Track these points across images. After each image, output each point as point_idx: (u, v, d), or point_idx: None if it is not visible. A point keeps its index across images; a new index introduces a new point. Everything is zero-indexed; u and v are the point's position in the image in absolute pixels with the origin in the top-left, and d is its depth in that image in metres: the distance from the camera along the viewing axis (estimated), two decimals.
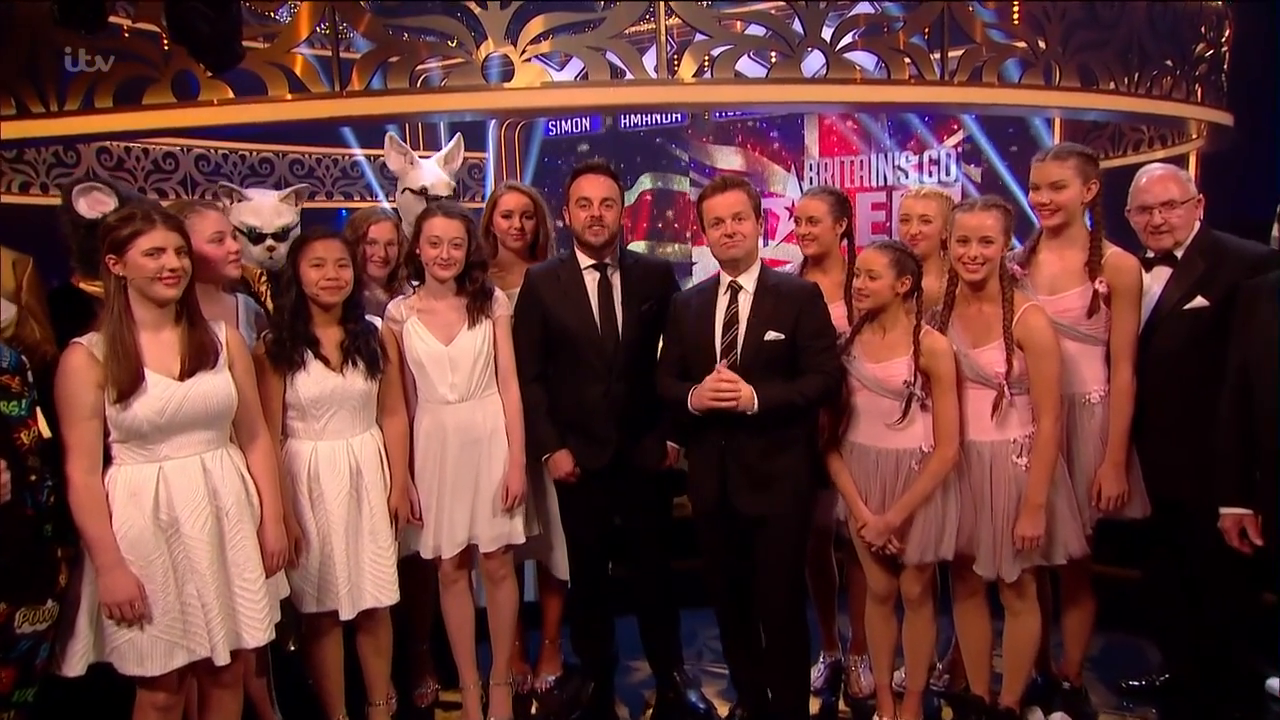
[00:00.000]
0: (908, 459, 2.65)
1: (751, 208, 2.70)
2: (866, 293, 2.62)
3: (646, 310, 2.91)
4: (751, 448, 2.67)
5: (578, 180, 2.91)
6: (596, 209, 2.86)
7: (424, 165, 3.53)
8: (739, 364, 2.66)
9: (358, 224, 3.08)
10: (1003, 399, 2.57)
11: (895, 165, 7.77)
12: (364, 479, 2.68)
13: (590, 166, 2.93)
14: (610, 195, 2.88)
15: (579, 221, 2.88)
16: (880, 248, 2.66)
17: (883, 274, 2.62)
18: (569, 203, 2.92)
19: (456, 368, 2.83)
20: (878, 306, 2.64)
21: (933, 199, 3.04)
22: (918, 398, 2.61)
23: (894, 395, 2.64)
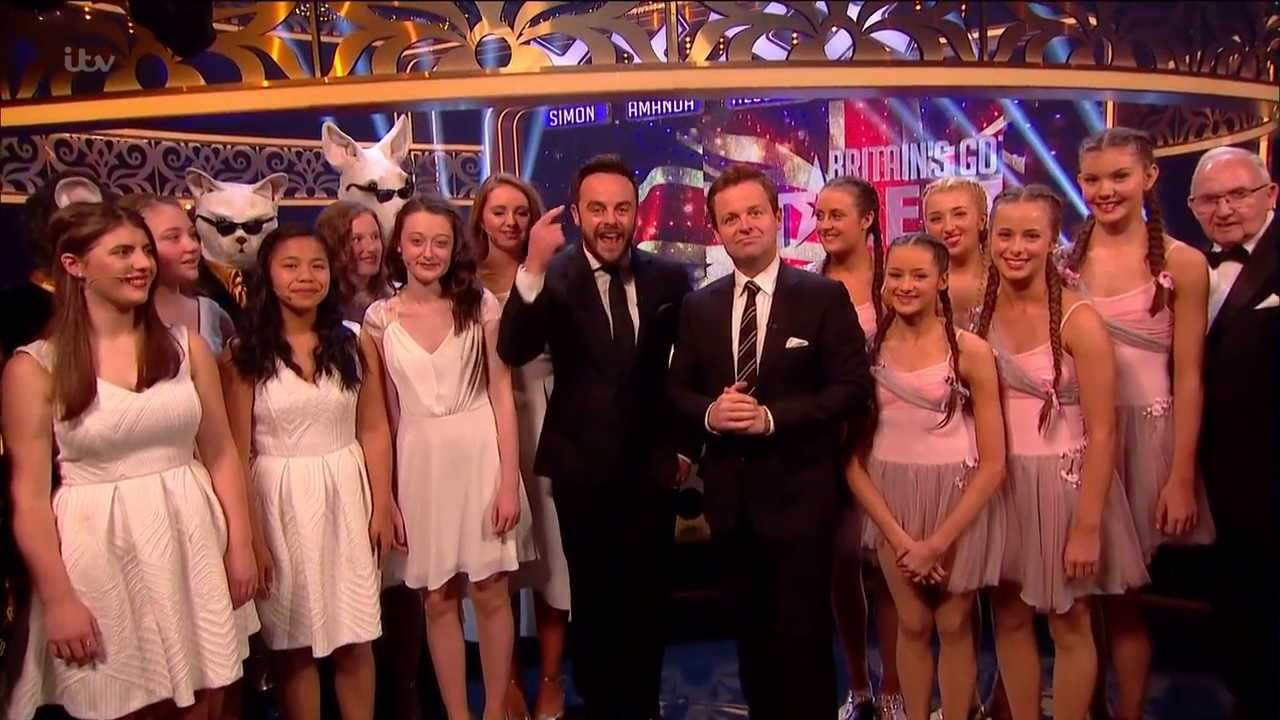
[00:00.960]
0: (951, 475, 2.62)
1: (768, 200, 2.69)
2: (915, 293, 2.60)
3: (664, 312, 2.90)
4: (774, 463, 2.65)
5: (589, 180, 2.89)
6: (610, 214, 2.84)
7: (370, 156, 3.52)
8: (758, 373, 2.64)
9: (335, 221, 3.07)
10: (1050, 409, 2.54)
11: (929, 156, 7.74)
12: (341, 500, 2.66)
13: (603, 164, 2.90)
14: (626, 198, 2.87)
15: (590, 227, 2.87)
16: (920, 243, 2.64)
17: (930, 272, 2.61)
18: (578, 204, 2.90)
19: (442, 377, 2.82)
20: (924, 309, 2.63)
21: (962, 189, 3.01)
22: (962, 395, 2.59)
23: (933, 405, 2.61)
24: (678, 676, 3.52)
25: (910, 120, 7.78)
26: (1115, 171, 2.67)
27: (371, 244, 3.07)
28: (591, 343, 2.88)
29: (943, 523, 2.61)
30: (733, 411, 2.58)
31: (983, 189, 3.08)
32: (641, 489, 2.95)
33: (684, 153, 8.80)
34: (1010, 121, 7.47)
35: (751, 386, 2.63)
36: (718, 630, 2.91)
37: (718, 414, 2.61)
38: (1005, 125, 7.51)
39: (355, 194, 3.41)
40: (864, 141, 7.98)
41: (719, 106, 8.35)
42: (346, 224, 3.06)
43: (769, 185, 2.73)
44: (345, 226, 3.05)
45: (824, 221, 3.02)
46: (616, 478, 2.90)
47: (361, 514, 2.70)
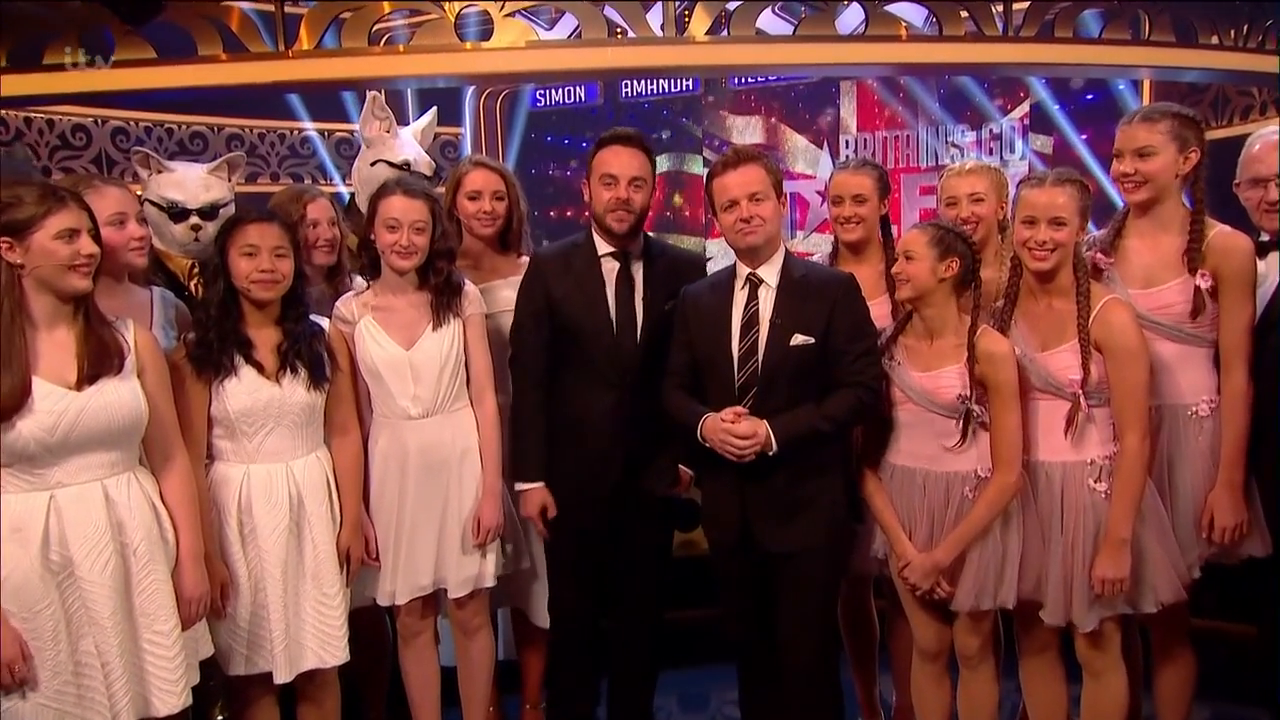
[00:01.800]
0: (960, 485, 2.64)
1: (771, 185, 2.70)
2: (904, 277, 2.63)
3: (672, 309, 2.90)
4: (778, 472, 2.66)
5: (602, 153, 2.91)
6: (623, 189, 2.87)
7: (405, 135, 3.59)
8: (759, 373, 2.65)
9: (288, 205, 3.08)
10: (1078, 412, 2.55)
11: (948, 141, 7.76)
12: (307, 510, 2.66)
13: (618, 136, 2.93)
14: (641, 174, 2.89)
15: (601, 202, 2.89)
16: (920, 226, 2.68)
17: (920, 255, 2.62)
18: (590, 178, 2.93)
19: (420, 376, 2.83)
20: (916, 295, 2.64)
21: (981, 174, 3.04)
22: (977, 416, 2.60)
23: (946, 410, 2.62)
24: (672, 704, 3.54)
25: (928, 102, 7.79)
26: (1140, 148, 2.69)
27: (328, 231, 3.09)
28: (592, 340, 2.89)
29: (948, 535, 2.63)
30: (728, 444, 2.60)
31: (1004, 175, 3.10)
32: (641, 501, 2.96)
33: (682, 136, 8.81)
34: (1037, 103, 7.48)
35: (752, 391, 2.64)
36: (716, 653, 2.92)
37: (712, 433, 2.63)
38: (1031, 107, 7.53)
39: (382, 170, 3.47)
40: (878, 125, 7.99)
41: (720, 86, 8.37)
42: (300, 208, 3.07)
43: (772, 169, 2.74)
44: (299, 211, 3.06)
45: (844, 208, 3.03)
46: (616, 490, 2.92)
47: (329, 526, 2.70)
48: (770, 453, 2.60)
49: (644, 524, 3.01)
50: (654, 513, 3.02)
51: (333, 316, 2.86)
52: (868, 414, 2.70)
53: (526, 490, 2.92)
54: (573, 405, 2.92)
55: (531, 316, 2.93)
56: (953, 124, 7.72)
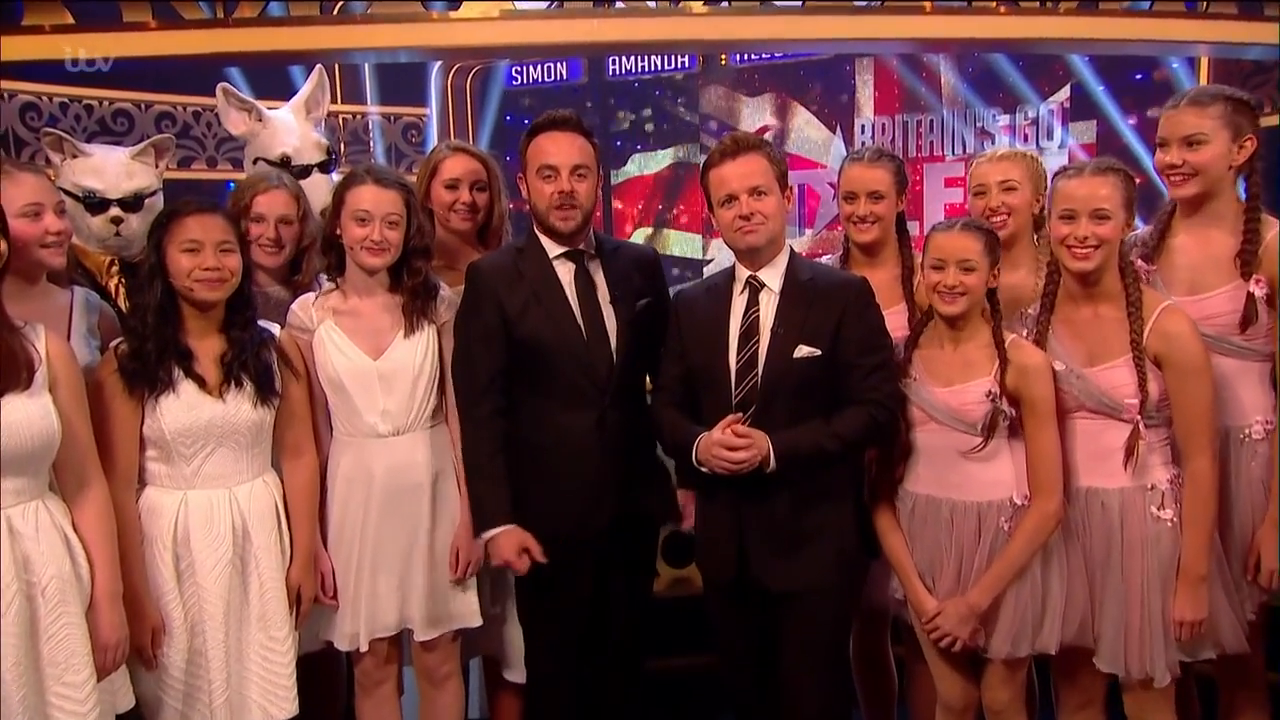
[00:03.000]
0: (994, 514, 2.67)
1: (774, 177, 2.73)
2: (961, 289, 2.64)
3: (643, 309, 2.93)
4: (780, 499, 2.68)
5: (537, 141, 2.91)
6: (565, 181, 2.85)
7: (280, 122, 3.54)
8: (759, 388, 2.68)
9: (240, 192, 3.12)
10: (1139, 439, 2.58)
11: (978, 127, 7.78)
12: (253, 543, 2.69)
13: (554, 120, 2.92)
14: (583, 161, 2.89)
15: (542, 199, 2.88)
16: (967, 229, 2.69)
17: (979, 264, 2.65)
18: (526, 172, 2.92)
19: (390, 389, 2.86)
20: (970, 309, 2.67)
21: (1014, 161, 3.08)
22: (1005, 415, 2.63)
23: (971, 429, 2.66)
24: None
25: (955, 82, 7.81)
26: (1188, 136, 2.72)
27: (273, 230, 3.09)
28: (561, 355, 2.87)
29: (983, 574, 2.65)
30: (723, 458, 2.61)
31: (1040, 163, 3.14)
32: (635, 535, 2.97)
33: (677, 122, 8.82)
34: (1079, 85, 7.50)
35: (751, 408, 2.66)
36: (712, 705, 2.92)
37: (707, 452, 2.64)
38: (1072, 89, 7.54)
39: (264, 168, 3.43)
40: (898, 108, 8.02)
41: (720, 63, 8.39)
42: (248, 198, 3.08)
43: (776, 159, 2.76)
44: (246, 200, 3.07)
45: (858, 206, 3.07)
46: (601, 525, 2.91)
47: (277, 561, 2.73)
48: (768, 470, 2.62)
49: (640, 561, 3.03)
50: (648, 552, 3.05)
51: (287, 322, 2.88)
52: (883, 435, 2.73)
53: (495, 535, 2.83)
54: (543, 433, 2.89)
55: (482, 340, 2.86)
56: (983, 108, 7.73)
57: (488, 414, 2.86)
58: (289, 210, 3.13)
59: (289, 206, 3.13)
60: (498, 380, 2.87)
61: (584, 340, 2.88)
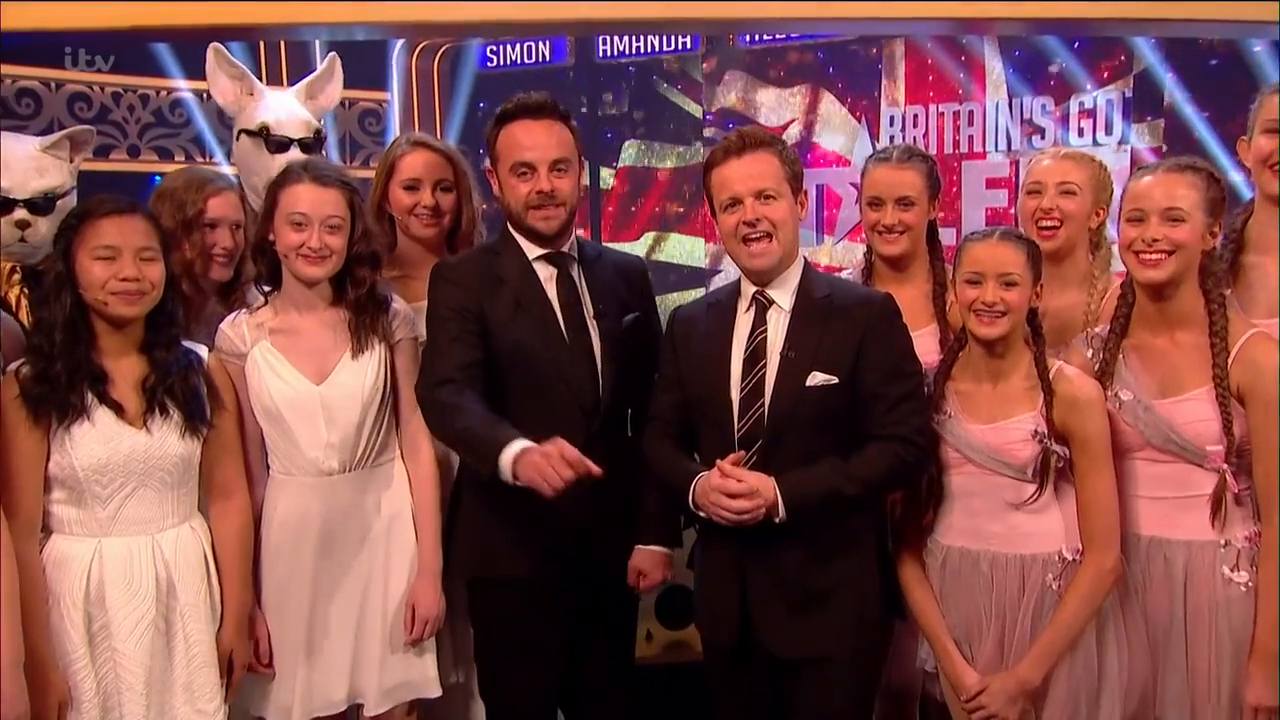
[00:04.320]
0: (1040, 571, 2.65)
1: (786, 179, 2.73)
2: (1002, 309, 2.63)
3: (631, 323, 2.94)
4: (788, 550, 2.68)
5: (509, 132, 2.91)
6: (545, 179, 2.86)
7: (273, 97, 3.58)
8: (765, 422, 2.67)
9: (183, 194, 3.10)
10: (1226, 489, 2.57)
11: (1024, 119, 7.79)
12: (179, 600, 2.68)
13: (526, 107, 2.92)
14: (564, 154, 2.89)
15: (518, 198, 2.89)
16: (1006, 238, 2.68)
17: (1022, 278, 2.64)
18: (497, 167, 2.93)
19: (335, 419, 2.85)
20: (1012, 331, 2.66)
21: (1078, 162, 3.10)
22: (1059, 456, 2.61)
23: (1017, 471, 2.65)
24: None
25: (998, 67, 7.83)
26: None
27: (231, 238, 3.10)
28: (548, 369, 2.87)
29: (1031, 642, 2.63)
30: (723, 506, 2.59)
31: (1107, 172, 3.16)
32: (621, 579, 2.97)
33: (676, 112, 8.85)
34: (1143, 70, 7.51)
35: (757, 444, 2.65)
36: None
37: (705, 497, 2.64)
38: (1135, 76, 7.56)
39: (244, 142, 3.47)
40: (931, 96, 8.02)
41: (726, 44, 8.41)
42: (200, 201, 3.08)
43: (789, 159, 2.76)
44: (198, 204, 3.07)
45: (885, 214, 3.08)
46: (581, 572, 2.91)
47: (207, 621, 2.72)
48: (777, 519, 2.61)
49: (613, 616, 3.04)
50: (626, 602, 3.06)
51: (216, 343, 2.88)
52: (911, 477, 2.72)
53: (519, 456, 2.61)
54: None
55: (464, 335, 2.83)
56: (1030, 96, 7.74)
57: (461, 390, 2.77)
58: (240, 213, 3.15)
59: (239, 209, 3.16)
60: (477, 370, 2.82)
61: (568, 354, 2.89)
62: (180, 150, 7.73)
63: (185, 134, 7.75)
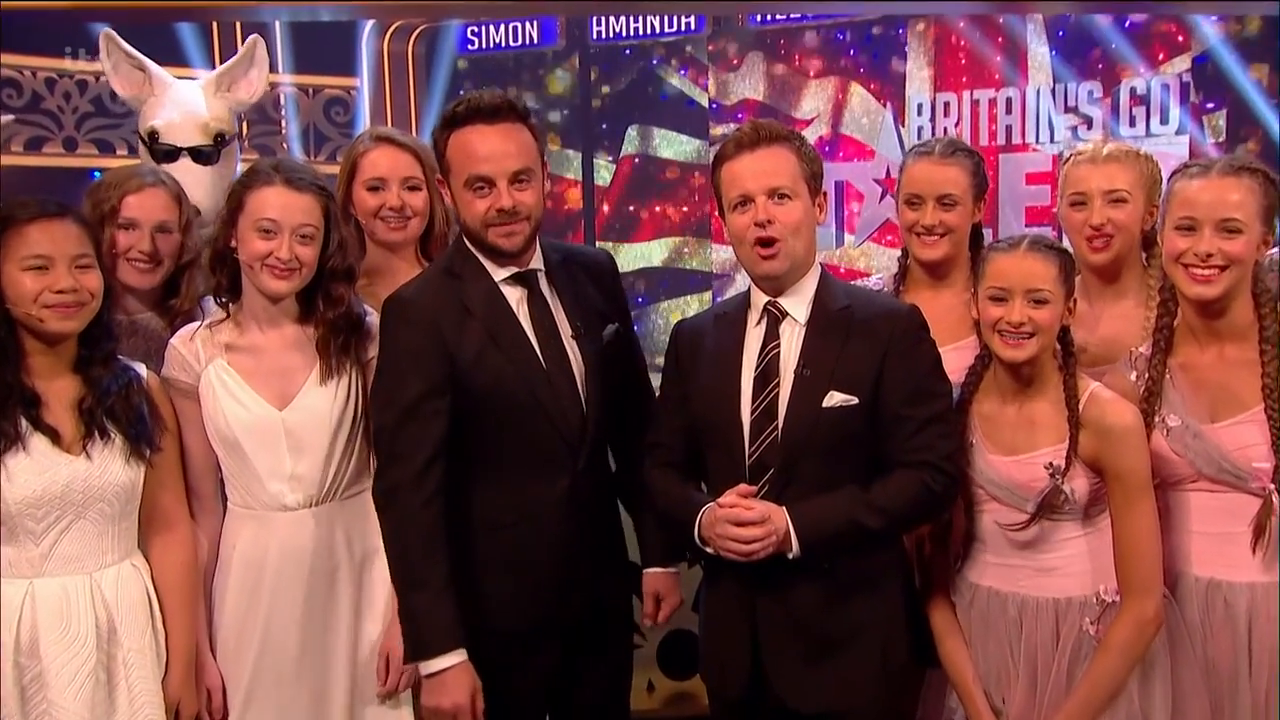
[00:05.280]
0: (1075, 614, 2.66)
1: (803, 177, 2.72)
2: (1029, 330, 2.62)
3: (612, 336, 2.94)
4: (804, 590, 2.67)
5: (461, 137, 2.82)
6: (505, 194, 2.79)
7: (175, 90, 3.58)
8: (779, 446, 2.67)
9: (102, 191, 3.12)
10: (1270, 515, 2.58)
11: (1069, 107, 7.77)
12: (122, 646, 2.68)
13: (479, 109, 2.82)
14: (525, 163, 2.82)
15: (474, 215, 2.82)
16: (1035, 248, 2.67)
17: (1053, 295, 2.63)
18: (449, 179, 2.88)
19: (301, 448, 2.86)
20: (1040, 353, 2.66)
21: (1125, 163, 3.09)
22: (1067, 497, 2.60)
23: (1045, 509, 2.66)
24: None
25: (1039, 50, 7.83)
26: None
27: (148, 241, 3.10)
28: (527, 408, 2.86)
29: (1068, 694, 2.62)
30: (732, 537, 2.59)
31: (1156, 166, 3.14)
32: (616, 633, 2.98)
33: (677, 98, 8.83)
34: (1204, 52, 7.50)
35: (769, 471, 2.65)
36: None
37: (712, 529, 2.63)
38: (1195, 59, 7.55)
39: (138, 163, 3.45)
40: (964, 82, 8.01)
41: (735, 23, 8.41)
42: (116, 198, 3.09)
43: (808, 155, 2.75)
44: (113, 200, 3.08)
45: (924, 214, 3.09)
46: (567, 619, 2.91)
47: (153, 668, 2.72)
48: (790, 555, 2.62)
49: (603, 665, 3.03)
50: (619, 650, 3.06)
51: (167, 359, 2.88)
52: (938, 508, 2.72)
53: (441, 671, 2.72)
54: (501, 510, 2.88)
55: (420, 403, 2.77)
56: (1075, 81, 7.73)
57: (423, 499, 2.77)
58: (169, 215, 3.14)
59: (169, 210, 3.15)
60: (440, 455, 2.80)
61: (550, 386, 2.88)
62: (123, 143, 7.69)
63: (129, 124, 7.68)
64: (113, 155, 7.69)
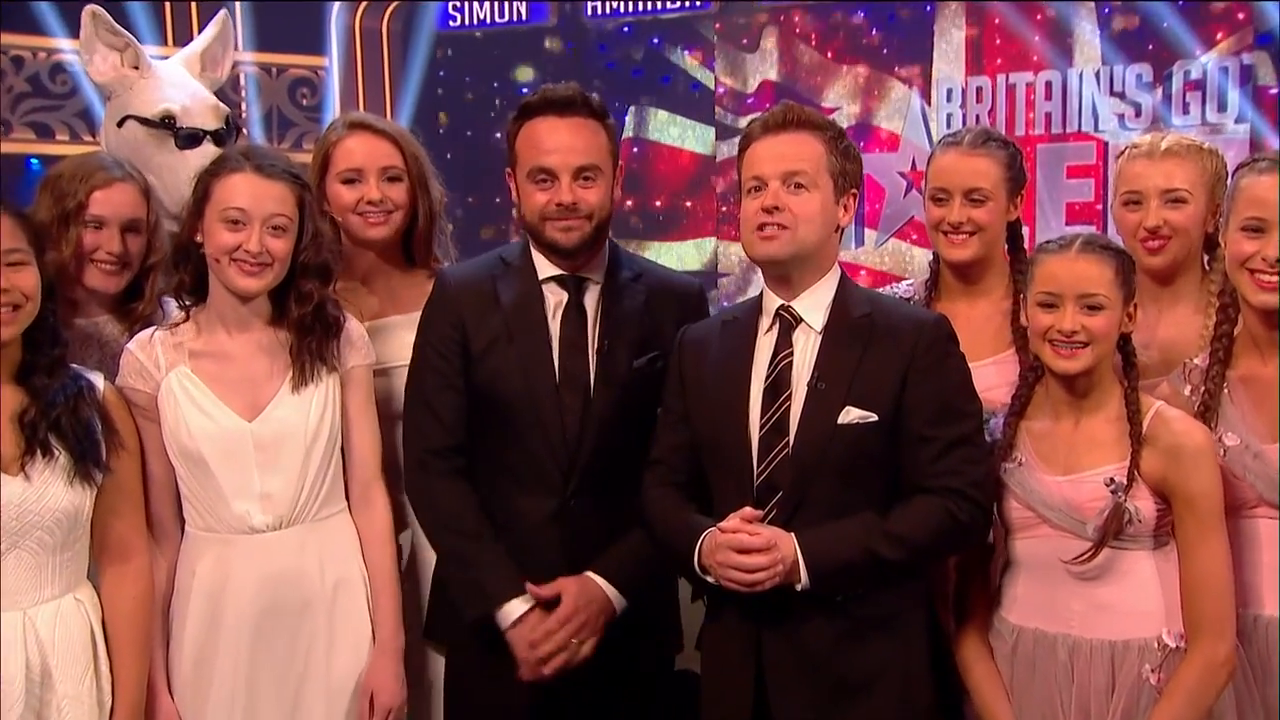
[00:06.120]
0: (1134, 660, 2.65)
1: (828, 171, 2.73)
2: (1084, 339, 2.62)
3: (644, 366, 2.95)
4: (815, 626, 2.67)
5: (531, 128, 2.96)
6: (566, 190, 2.90)
7: (166, 73, 3.59)
8: (790, 466, 2.67)
9: (66, 184, 3.12)
10: None
11: (1115, 91, 7.76)
12: (56, 691, 2.68)
13: (552, 101, 2.96)
14: (593, 159, 2.94)
15: (533, 208, 2.94)
16: (1090, 249, 2.67)
17: (1110, 300, 2.63)
18: (515, 170, 2.98)
19: (270, 464, 2.87)
20: (1098, 364, 2.66)
21: (1185, 157, 3.09)
22: (1132, 516, 2.59)
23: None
24: None
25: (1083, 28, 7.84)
26: None
27: (118, 241, 3.10)
28: (525, 415, 2.92)
29: None
30: (735, 565, 2.59)
31: (1222, 161, 3.14)
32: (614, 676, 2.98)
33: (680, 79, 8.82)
34: (1267, 32, 7.50)
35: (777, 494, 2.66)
36: None
37: (713, 555, 2.63)
38: (1258, 38, 7.55)
39: (136, 133, 3.47)
40: (1000, 64, 8.01)
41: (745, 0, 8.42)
42: (84, 193, 3.09)
43: (840, 148, 2.76)
44: (80, 196, 3.08)
45: (952, 210, 3.10)
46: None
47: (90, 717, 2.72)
48: (799, 588, 2.61)
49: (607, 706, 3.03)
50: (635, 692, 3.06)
51: (122, 365, 2.88)
52: (964, 539, 2.72)
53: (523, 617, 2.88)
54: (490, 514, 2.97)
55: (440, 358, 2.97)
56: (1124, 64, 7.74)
57: (452, 468, 2.96)
58: (138, 213, 3.15)
59: (138, 207, 3.16)
60: (461, 425, 2.97)
61: (556, 400, 2.93)
62: (64, 127, 7.70)
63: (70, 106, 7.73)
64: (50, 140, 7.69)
